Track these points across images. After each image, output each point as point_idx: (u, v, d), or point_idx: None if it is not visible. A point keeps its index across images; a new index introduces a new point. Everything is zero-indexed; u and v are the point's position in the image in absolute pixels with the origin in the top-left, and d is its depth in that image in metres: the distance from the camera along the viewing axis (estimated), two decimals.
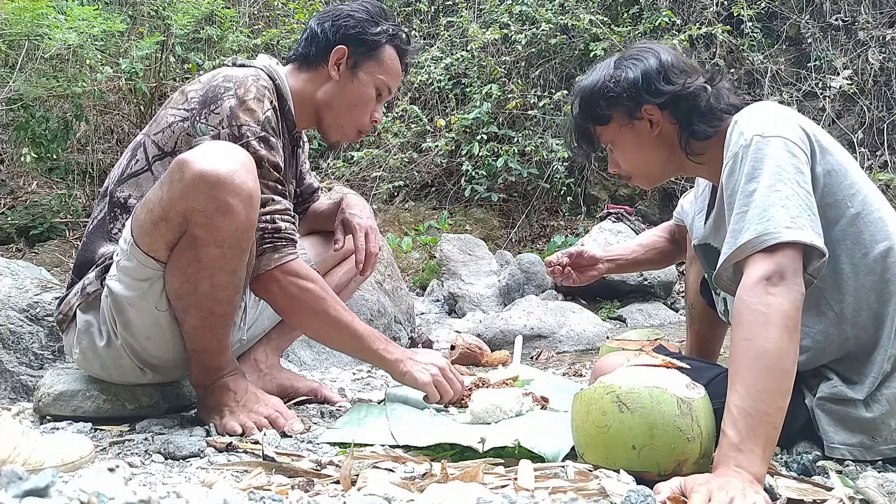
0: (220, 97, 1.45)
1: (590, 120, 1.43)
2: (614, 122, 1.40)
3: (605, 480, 1.01)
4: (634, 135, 1.39)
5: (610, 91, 1.36)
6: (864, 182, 1.23)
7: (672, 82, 1.34)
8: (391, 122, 6.41)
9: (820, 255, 1.10)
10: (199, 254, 1.32)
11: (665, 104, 1.35)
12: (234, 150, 1.31)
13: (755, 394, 0.99)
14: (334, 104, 1.64)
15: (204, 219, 1.28)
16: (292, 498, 0.95)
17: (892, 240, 1.20)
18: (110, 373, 1.49)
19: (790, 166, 1.13)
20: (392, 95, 1.72)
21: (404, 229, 5.82)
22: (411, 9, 7.42)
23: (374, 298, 3.03)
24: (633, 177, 1.47)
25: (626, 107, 1.36)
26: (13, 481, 0.68)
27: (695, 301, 1.73)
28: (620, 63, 1.39)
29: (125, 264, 1.37)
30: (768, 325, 1.02)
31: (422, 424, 1.40)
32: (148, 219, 1.32)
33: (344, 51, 1.61)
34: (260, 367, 1.74)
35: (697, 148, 1.36)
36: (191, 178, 1.25)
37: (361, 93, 1.64)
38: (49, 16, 4.27)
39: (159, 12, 5.48)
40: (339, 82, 1.63)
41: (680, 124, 1.36)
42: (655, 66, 1.35)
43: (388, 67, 1.66)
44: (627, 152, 1.43)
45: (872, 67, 5.48)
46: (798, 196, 1.10)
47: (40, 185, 5.67)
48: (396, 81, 1.70)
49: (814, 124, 1.24)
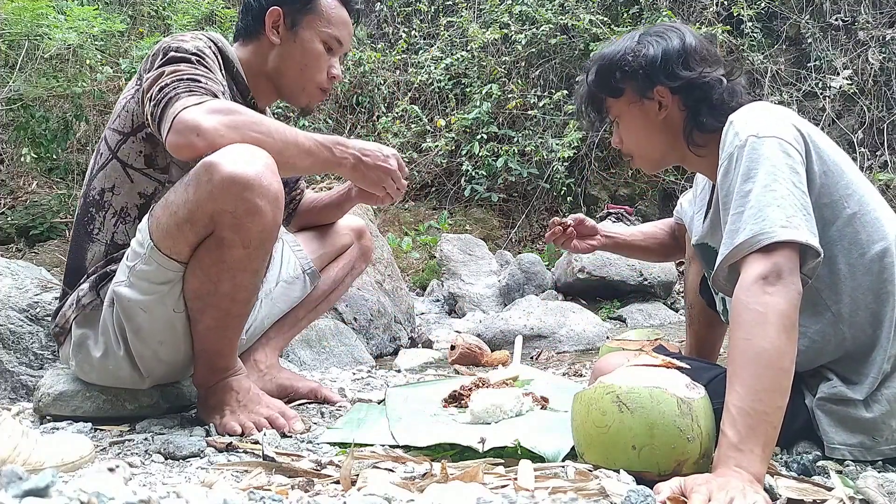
0: (154, 52, 1.44)
1: (603, 90, 1.42)
2: (625, 96, 1.39)
3: (605, 480, 1.01)
4: (642, 114, 1.39)
5: (627, 64, 1.35)
6: (860, 182, 1.22)
7: (690, 68, 1.33)
8: (391, 122, 6.41)
9: (815, 254, 1.10)
10: (224, 254, 1.31)
11: (678, 89, 1.34)
12: (258, 152, 1.29)
13: (754, 394, 0.99)
14: (284, 70, 1.60)
15: (233, 220, 1.27)
16: (292, 498, 0.95)
17: (888, 240, 1.19)
18: (107, 382, 1.49)
19: (785, 166, 1.12)
20: (347, 46, 1.66)
21: (404, 229, 5.82)
22: (411, 9, 7.42)
23: (374, 298, 3.03)
24: (633, 156, 1.47)
25: (640, 83, 1.35)
26: (13, 481, 0.68)
27: (694, 301, 1.73)
28: (644, 38, 1.38)
29: (142, 268, 1.35)
30: (766, 324, 1.02)
31: (422, 424, 1.40)
32: (171, 221, 1.30)
33: (278, 12, 1.56)
34: (260, 367, 1.74)
35: (700, 140, 1.35)
36: (220, 180, 1.24)
37: (307, 51, 1.59)
38: (49, 16, 4.27)
39: (159, 12, 5.49)
40: (282, 46, 1.58)
41: (688, 113, 1.35)
42: (678, 47, 1.34)
43: (331, 17, 1.59)
44: (631, 130, 1.42)
45: (872, 67, 5.48)
46: (793, 196, 1.10)
47: (40, 185, 5.67)
48: (345, 30, 1.63)
49: (809, 124, 1.24)
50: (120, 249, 1.48)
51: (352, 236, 1.90)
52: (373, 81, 6.81)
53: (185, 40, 1.45)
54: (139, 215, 1.48)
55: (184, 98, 1.31)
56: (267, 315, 1.74)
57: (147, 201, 1.49)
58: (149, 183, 1.49)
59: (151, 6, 5.58)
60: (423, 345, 3.16)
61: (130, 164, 1.48)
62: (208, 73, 1.40)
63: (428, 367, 2.58)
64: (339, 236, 1.89)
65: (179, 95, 1.32)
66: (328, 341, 2.65)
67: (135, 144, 1.47)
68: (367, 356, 2.75)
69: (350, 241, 1.90)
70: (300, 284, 1.79)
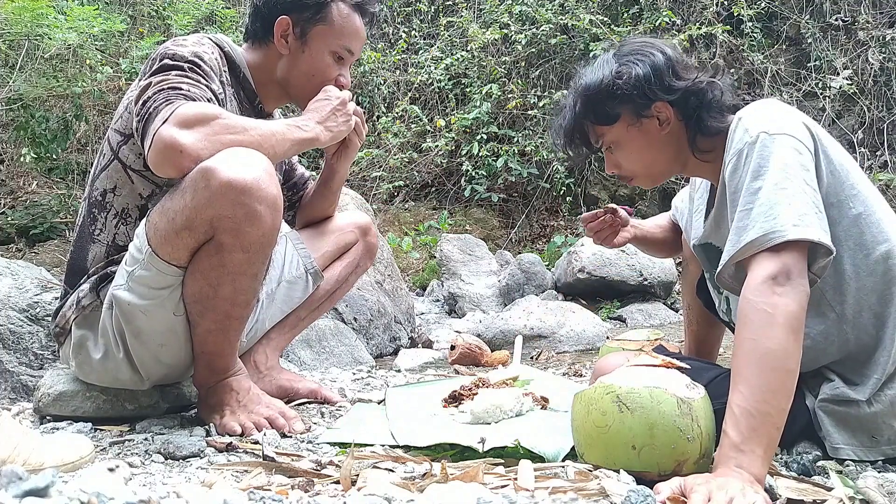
0: (153, 56, 1.43)
1: (595, 119, 1.37)
2: (622, 121, 1.35)
3: (605, 480, 1.01)
4: (642, 134, 1.35)
5: (619, 88, 1.31)
6: (864, 183, 1.22)
7: (682, 77, 1.31)
8: (391, 122, 6.41)
9: (826, 252, 1.09)
10: (224, 259, 1.30)
11: (676, 101, 1.31)
12: (256, 157, 1.29)
13: (759, 394, 0.99)
14: (292, 79, 1.59)
15: (232, 225, 1.27)
16: (292, 498, 0.95)
17: (891, 241, 1.19)
18: (107, 383, 1.49)
19: (796, 164, 1.11)
20: (357, 55, 1.63)
21: (404, 229, 5.82)
22: (411, 9, 7.43)
23: (374, 298, 3.03)
24: (636, 177, 1.43)
25: (637, 104, 1.32)
26: (13, 481, 0.68)
27: (692, 302, 1.72)
28: (623, 60, 1.34)
29: (140, 273, 1.34)
30: (774, 325, 1.01)
31: (422, 424, 1.40)
32: (169, 227, 1.30)
33: (287, 21, 1.54)
34: (260, 368, 1.73)
35: (705, 145, 1.33)
36: (218, 185, 1.24)
37: (316, 63, 1.57)
38: (49, 16, 4.27)
39: (159, 12, 5.49)
40: (291, 55, 1.56)
41: (689, 121, 1.33)
42: (663, 61, 1.32)
43: (342, 28, 1.56)
44: (633, 151, 1.38)
45: (872, 67, 5.48)
46: (805, 194, 1.09)
47: (40, 185, 5.67)
48: (356, 39, 1.59)
49: (816, 123, 1.23)
50: (121, 251, 1.48)
51: (357, 233, 1.88)
52: (373, 81, 6.81)
53: (185, 45, 1.44)
54: (140, 216, 1.48)
55: (162, 110, 1.30)
56: (268, 316, 1.74)
57: (146, 203, 1.49)
58: (146, 185, 1.48)
59: (151, 6, 5.58)
60: (423, 345, 3.16)
61: (130, 166, 1.48)
62: (197, 81, 1.39)
63: (428, 367, 2.58)
64: (344, 233, 1.86)
65: (158, 109, 1.31)
66: (328, 341, 2.65)
67: (134, 146, 1.47)
68: (367, 356, 2.75)
69: (355, 239, 1.87)
70: (302, 285, 1.78)
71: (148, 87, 1.36)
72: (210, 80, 1.42)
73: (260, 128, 1.36)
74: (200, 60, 1.42)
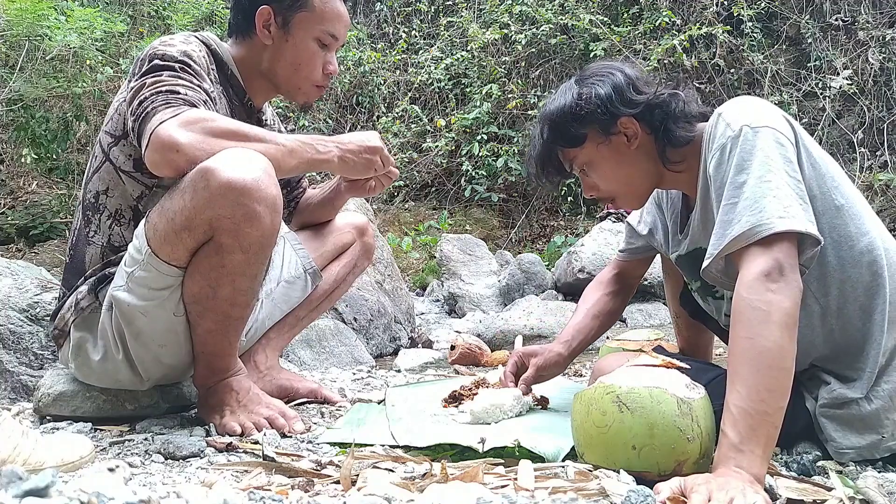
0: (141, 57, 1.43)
1: (562, 142, 1.38)
2: (589, 141, 1.35)
3: (605, 480, 1.01)
4: (612, 151, 1.35)
5: (581, 109, 1.32)
6: (842, 177, 1.23)
7: (642, 92, 1.33)
8: (391, 122, 6.41)
9: (814, 243, 1.09)
10: (224, 259, 1.30)
11: (640, 115, 1.32)
12: (255, 157, 1.28)
13: (756, 393, 0.99)
14: (278, 70, 1.57)
15: (231, 225, 1.26)
16: (292, 498, 0.95)
17: (872, 234, 1.20)
18: (106, 384, 1.49)
19: (779, 156, 1.12)
20: (343, 39, 1.61)
21: (404, 229, 5.82)
22: (411, 9, 7.43)
23: (374, 298, 3.03)
24: (616, 197, 1.41)
25: (601, 122, 1.32)
26: (13, 481, 0.68)
27: (678, 311, 1.69)
28: (584, 83, 1.36)
29: (140, 275, 1.34)
30: (769, 323, 1.01)
31: (422, 424, 1.40)
32: (169, 228, 1.30)
33: (268, 10, 1.53)
34: (260, 368, 1.73)
35: (675, 156, 1.33)
36: (217, 186, 1.23)
37: (301, 50, 1.55)
38: (50, 17, 4.27)
39: (159, 12, 5.49)
40: (275, 46, 1.55)
41: (657, 134, 1.33)
42: (623, 79, 1.33)
43: (323, 12, 1.54)
44: (607, 170, 1.38)
45: (872, 67, 5.48)
46: (789, 186, 1.10)
47: (40, 185, 5.67)
48: (340, 24, 1.58)
49: (792, 119, 1.24)
50: (117, 252, 1.48)
51: (354, 234, 1.89)
52: (373, 81, 6.81)
53: (173, 45, 1.44)
54: (133, 217, 1.48)
55: (161, 112, 1.29)
56: (268, 316, 1.74)
57: (137, 204, 1.48)
58: (136, 186, 1.48)
59: (151, 6, 5.58)
60: (423, 345, 3.15)
61: (120, 167, 1.47)
62: (191, 82, 1.38)
63: (428, 367, 2.57)
64: (342, 234, 1.88)
65: (157, 109, 1.30)
66: (328, 341, 2.65)
67: (125, 148, 1.47)
68: (367, 356, 2.75)
69: (352, 239, 1.89)
70: (301, 284, 1.78)
71: (142, 87, 1.35)
72: (201, 79, 1.42)
73: (265, 137, 1.35)
74: (190, 59, 1.42)
